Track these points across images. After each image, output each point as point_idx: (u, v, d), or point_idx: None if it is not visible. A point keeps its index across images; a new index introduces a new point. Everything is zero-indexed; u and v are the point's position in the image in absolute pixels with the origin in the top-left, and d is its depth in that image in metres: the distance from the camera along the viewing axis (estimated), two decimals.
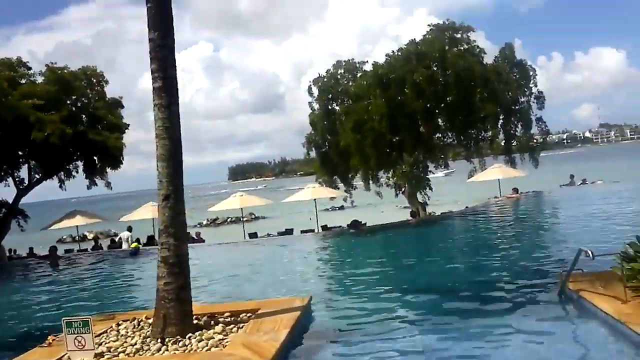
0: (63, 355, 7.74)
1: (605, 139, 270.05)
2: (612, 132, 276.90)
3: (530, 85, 29.20)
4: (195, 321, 8.47)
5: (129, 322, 9.10)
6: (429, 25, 30.30)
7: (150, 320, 9.00)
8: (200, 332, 8.13)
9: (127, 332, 8.60)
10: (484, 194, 34.10)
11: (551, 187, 32.92)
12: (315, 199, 28.62)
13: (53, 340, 8.49)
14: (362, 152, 28.54)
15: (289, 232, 29.25)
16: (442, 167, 31.87)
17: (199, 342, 7.79)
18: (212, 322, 8.63)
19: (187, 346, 7.70)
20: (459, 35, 29.73)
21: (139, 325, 8.94)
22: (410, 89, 27.66)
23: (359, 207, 39.68)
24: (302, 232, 28.61)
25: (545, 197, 29.55)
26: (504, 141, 29.84)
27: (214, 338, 7.85)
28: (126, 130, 27.25)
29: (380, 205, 45.09)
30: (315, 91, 31.52)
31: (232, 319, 8.81)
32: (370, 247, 20.81)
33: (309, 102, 31.79)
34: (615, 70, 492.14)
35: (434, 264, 14.78)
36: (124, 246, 25.91)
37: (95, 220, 29.91)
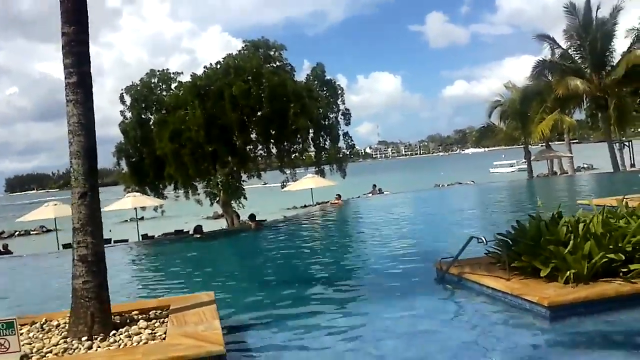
0: None
1: (383, 155, 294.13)
2: (390, 149, 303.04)
3: (339, 103, 31.61)
4: None
5: (28, 325, 8.65)
6: (244, 41, 31.60)
7: (55, 322, 8.74)
8: (123, 329, 8.11)
9: (37, 335, 8.22)
10: (300, 201, 35.96)
11: (358, 195, 35.91)
12: (136, 208, 28.02)
13: None
14: (180, 162, 28.55)
15: (106, 241, 28.07)
16: (255, 177, 32.83)
17: (127, 337, 7.80)
18: (128, 319, 8.60)
19: (117, 342, 7.66)
20: (272, 53, 31.26)
21: (42, 328, 8.56)
22: (228, 102, 28.36)
23: (161, 217, 39.16)
24: (116, 242, 27.82)
25: (361, 203, 32.21)
26: (314, 153, 31.82)
27: (141, 333, 7.90)
28: None
29: (185, 215, 45.05)
30: (128, 99, 30.73)
31: (145, 315, 8.83)
32: (223, 249, 21.39)
33: (121, 111, 30.89)
34: (392, 93, 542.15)
35: (290, 262, 15.75)
36: None
37: None
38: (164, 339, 7.61)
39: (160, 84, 31.26)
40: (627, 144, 43.38)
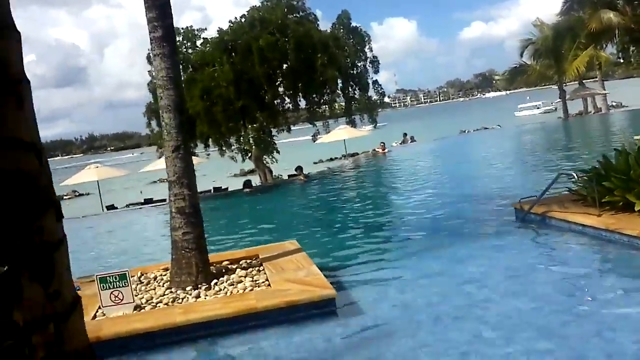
0: (96, 312, 7.48)
1: (402, 104, 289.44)
2: (408, 97, 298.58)
3: (366, 50, 31.19)
4: None
5: None
6: None
7: (151, 275, 8.95)
8: (223, 277, 8.27)
9: (139, 287, 8.42)
10: (329, 154, 36.04)
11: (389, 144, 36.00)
12: None
13: None
14: (212, 119, 28.48)
15: (147, 201, 28.56)
16: (285, 131, 32.70)
17: (231, 285, 7.96)
18: (223, 269, 8.77)
19: (222, 291, 7.83)
20: (295, 2, 30.80)
21: (140, 280, 8.78)
22: (256, 55, 28.09)
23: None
24: (156, 201, 28.19)
25: (402, 151, 32.31)
26: (344, 103, 31.60)
27: (242, 281, 8.07)
28: None
29: (210, 174, 45.16)
30: None
31: (237, 265, 8.99)
32: (279, 200, 21.52)
33: (149, 71, 30.67)
34: (408, 39, 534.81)
35: (353, 210, 15.87)
36: None
37: None
38: (269, 285, 7.77)
39: (185, 41, 30.96)
40: None
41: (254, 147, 29.92)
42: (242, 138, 30.12)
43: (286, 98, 32.00)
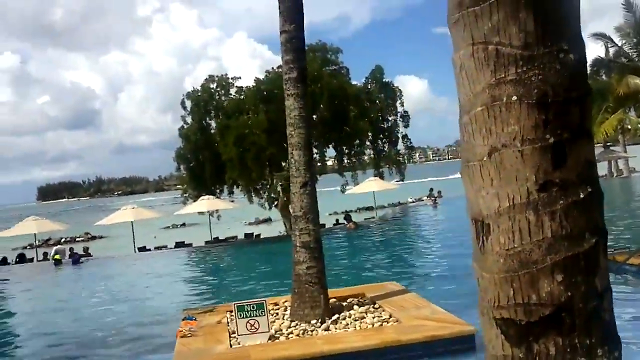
0: (230, 340, 7.63)
1: (410, 161, 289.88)
2: (417, 154, 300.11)
3: (397, 105, 31.84)
4: None
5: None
6: None
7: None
8: (343, 313, 8.42)
9: None
10: (354, 205, 36.41)
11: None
12: (209, 212, 28.73)
13: (187, 331, 8.16)
14: (244, 166, 28.82)
15: (181, 244, 28.62)
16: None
17: (355, 320, 8.13)
18: (338, 305, 8.91)
19: (349, 325, 7.99)
20: (329, 56, 31.62)
21: None
22: None
23: (201, 224, 39.01)
24: (187, 245, 28.32)
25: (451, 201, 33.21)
26: (373, 156, 32.07)
27: (365, 317, 8.23)
28: None
29: (224, 222, 45.18)
30: (189, 105, 31.12)
31: (347, 302, 9.12)
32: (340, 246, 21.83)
33: (182, 116, 31.26)
34: (419, 97, 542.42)
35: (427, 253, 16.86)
36: None
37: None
38: (396, 321, 7.93)
39: (219, 89, 31.64)
40: None
41: (280, 195, 30.17)
42: (270, 186, 30.46)
43: (319, 148, 32.49)
